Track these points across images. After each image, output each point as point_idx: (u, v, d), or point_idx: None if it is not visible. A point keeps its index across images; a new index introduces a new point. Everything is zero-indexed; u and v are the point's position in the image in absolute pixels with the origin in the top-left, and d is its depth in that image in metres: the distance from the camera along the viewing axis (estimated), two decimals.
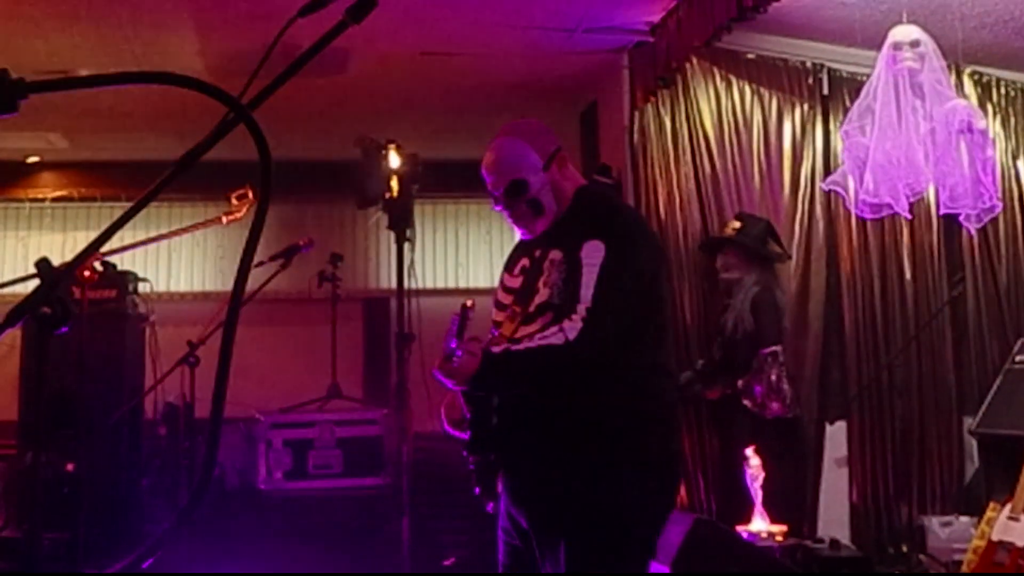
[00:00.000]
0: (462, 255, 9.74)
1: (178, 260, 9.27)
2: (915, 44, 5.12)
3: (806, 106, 6.21)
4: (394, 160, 5.70)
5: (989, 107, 6.32)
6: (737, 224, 5.65)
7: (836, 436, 6.06)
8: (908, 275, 6.14)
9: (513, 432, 2.76)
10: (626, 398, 2.73)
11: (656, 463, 2.75)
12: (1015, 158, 6.42)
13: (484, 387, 2.70)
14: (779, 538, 4.97)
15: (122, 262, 6.74)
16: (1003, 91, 6.43)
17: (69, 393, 4.95)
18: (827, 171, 6.11)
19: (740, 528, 5.01)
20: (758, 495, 5.03)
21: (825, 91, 6.25)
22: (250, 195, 4.98)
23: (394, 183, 5.67)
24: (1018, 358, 5.59)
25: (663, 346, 2.87)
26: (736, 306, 5.51)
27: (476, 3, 5.78)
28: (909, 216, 5.56)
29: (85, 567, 4.62)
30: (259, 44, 1.61)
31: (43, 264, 1.24)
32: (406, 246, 5.66)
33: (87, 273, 4.67)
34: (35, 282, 1.29)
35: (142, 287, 6.87)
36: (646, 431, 2.74)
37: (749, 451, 5.08)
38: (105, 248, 1.32)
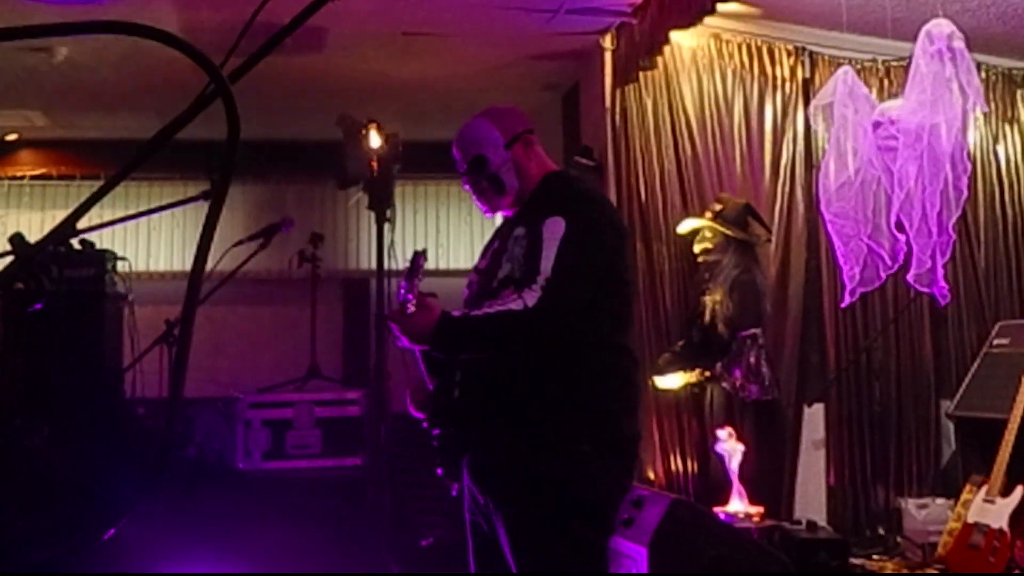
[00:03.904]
0: (442, 236, 9.72)
1: (157, 239, 9.22)
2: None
3: (788, 89, 6.21)
4: (375, 140, 5.68)
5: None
6: (718, 207, 5.65)
7: (814, 418, 6.08)
8: None
9: (473, 405, 2.78)
10: (584, 375, 2.75)
11: (610, 442, 2.76)
12: (995, 142, 6.45)
13: (439, 348, 2.73)
14: (756, 519, 5.00)
15: (101, 240, 6.71)
16: (984, 76, 6.43)
17: (46, 372, 4.91)
18: (808, 154, 6.13)
19: (717, 509, 5.03)
20: (736, 476, 5.05)
21: (807, 74, 6.25)
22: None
23: (375, 163, 5.66)
24: (996, 342, 5.63)
25: (624, 326, 2.89)
26: (715, 288, 5.52)
27: None
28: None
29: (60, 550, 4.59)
30: (239, 20, 1.59)
31: (17, 240, 1.22)
32: (386, 226, 5.65)
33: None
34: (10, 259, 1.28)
35: (121, 266, 6.82)
36: (602, 409, 2.76)
37: (722, 432, 5.11)
38: (83, 226, 1.29)
